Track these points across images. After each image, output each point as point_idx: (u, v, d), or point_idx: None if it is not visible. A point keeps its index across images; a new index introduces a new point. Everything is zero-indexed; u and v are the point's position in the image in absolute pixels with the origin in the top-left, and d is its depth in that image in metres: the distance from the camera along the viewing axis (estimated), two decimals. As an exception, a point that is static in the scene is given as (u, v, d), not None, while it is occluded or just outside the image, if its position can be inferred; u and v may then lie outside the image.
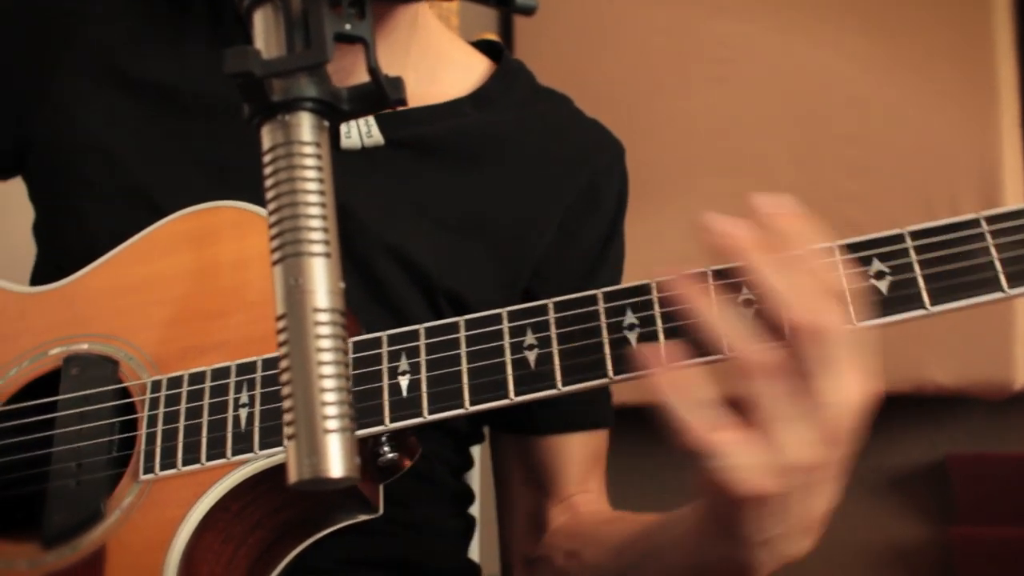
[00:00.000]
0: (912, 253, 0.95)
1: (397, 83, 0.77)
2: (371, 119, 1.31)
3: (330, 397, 0.69)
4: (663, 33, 2.84)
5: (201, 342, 1.14)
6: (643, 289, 1.01)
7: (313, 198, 0.73)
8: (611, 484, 1.43)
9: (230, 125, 1.32)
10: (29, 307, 1.22)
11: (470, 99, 1.39)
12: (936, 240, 0.95)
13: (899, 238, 0.96)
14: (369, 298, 1.28)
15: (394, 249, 1.29)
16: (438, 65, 1.39)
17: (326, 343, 0.70)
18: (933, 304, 0.93)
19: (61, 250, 1.33)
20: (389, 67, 1.29)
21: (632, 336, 1.00)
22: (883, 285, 0.95)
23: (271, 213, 0.73)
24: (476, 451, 1.57)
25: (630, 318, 1.00)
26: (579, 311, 1.02)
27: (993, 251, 0.93)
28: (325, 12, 0.73)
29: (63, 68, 1.34)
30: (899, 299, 0.94)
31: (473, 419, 1.43)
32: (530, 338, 1.03)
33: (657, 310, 1.00)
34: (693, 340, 0.94)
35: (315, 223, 0.73)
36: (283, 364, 0.71)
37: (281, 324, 0.71)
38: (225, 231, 1.19)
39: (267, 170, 0.74)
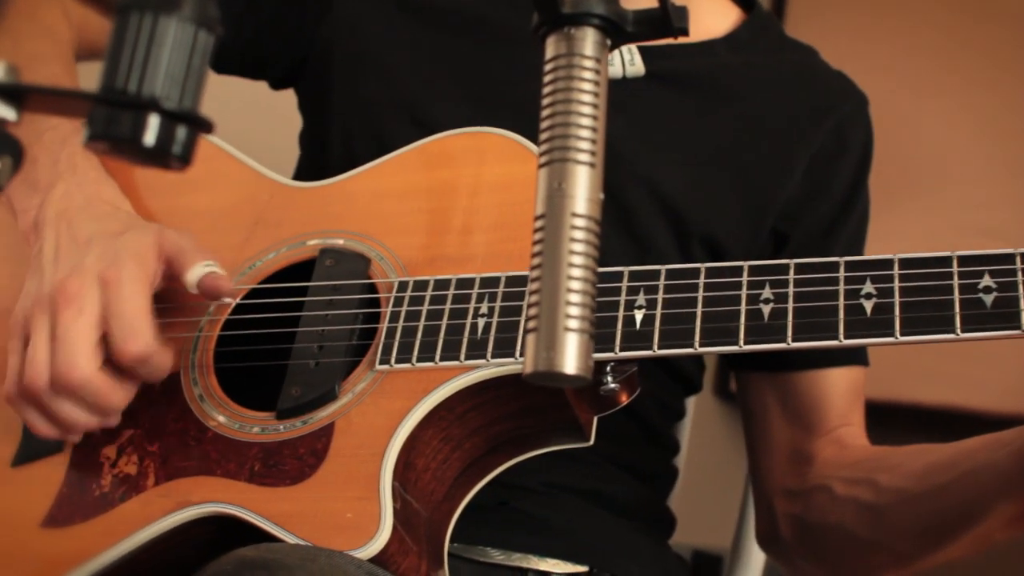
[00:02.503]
0: None
1: (683, 12, 0.79)
2: (634, 48, 1.37)
3: (575, 298, 0.72)
4: (936, 29, 2.76)
5: (450, 253, 1.19)
6: (886, 263, 1.03)
7: (586, 109, 0.76)
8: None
9: (499, 49, 1.38)
10: (294, 199, 1.30)
11: (723, 41, 1.45)
12: None
13: None
14: (617, 226, 1.33)
15: (647, 179, 1.35)
16: (695, 9, 1.43)
17: (579, 247, 0.73)
18: None
19: (322, 157, 1.41)
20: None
21: (868, 305, 1.01)
22: None
23: (544, 119, 0.76)
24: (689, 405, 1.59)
25: (868, 287, 1.01)
26: (819, 275, 1.04)
27: None
28: (619, -67, 0.76)
29: None
30: None
31: (698, 361, 1.45)
32: (767, 292, 1.04)
33: (897, 284, 1.01)
34: None
35: (584, 133, 0.75)
36: (535, 262, 0.74)
37: (539, 224, 0.74)
38: (489, 154, 1.24)
39: (546, 78, 0.76)
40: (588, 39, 0.77)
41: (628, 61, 1.36)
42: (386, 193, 1.26)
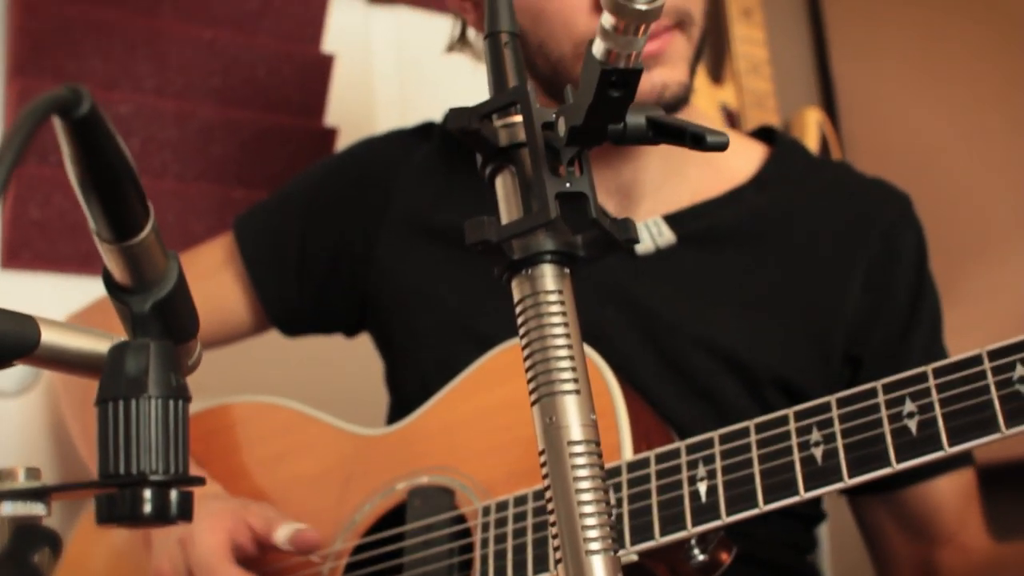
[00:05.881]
0: None
1: (625, 225, 0.83)
2: (659, 220, 1.40)
3: (590, 521, 0.76)
4: (994, 83, 2.74)
5: (524, 467, 1.23)
6: (920, 378, 1.04)
7: (560, 341, 0.81)
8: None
9: None
10: (377, 447, 1.37)
11: (751, 184, 1.45)
12: None
13: None
14: (686, 392, 1.35)
15: (703, 341, 1.36)
16: (717, 157, 1.46)
17: (582, 472, 0.78)
18: None
19: (403, 393, 1.49)
20: (669, 170, 1.42)
21: (912, 424, 1.02)
22: None
23: (526, 359, 0.82)
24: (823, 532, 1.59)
25: (909, 406, 1.03)
26: (860, 405, 1.06)
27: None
28: (546, 176, 0.81)
29: (383, 232, 1.50)
30: None
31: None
32: (815, 435, 1.06)
33: (935, 396, 1.02)
34: None
35: (564, 363, 0.80)
36: (548, 495, 0.78)
37: (543, 459, 0.79)
38: None
39: (519, 320, 0.82)
40: (547, 275, 0.83)
41: (656, 234, 1.39)
42: (457, 421, 1.32)
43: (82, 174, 0.60)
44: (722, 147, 0.77)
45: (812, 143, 2.68)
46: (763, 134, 1.55)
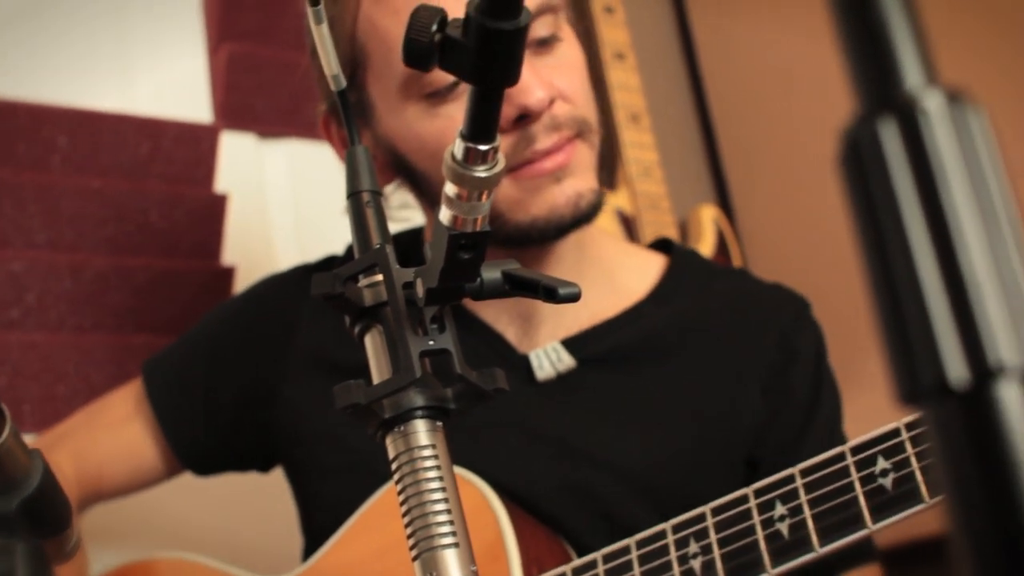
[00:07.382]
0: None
1: (490, 376, 0.85)
2: (558, 345, 1.39)
3: (476, 674, 0.77)
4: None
5: None
6: (788, 479, 1.07)
7: (437, 495, 0.82)
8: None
9: None
10: None
11: (650, 299, 1.45)
12: None
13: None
14: (594, 516, 1.34)
15: (608, 464, 1.35)
16: (614, 274, 1.46)
17: (466, 626, 0.79)
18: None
19: (311, 533, 1.48)
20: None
21: (783, 527, 1.04)
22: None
23: (404, 515, 0.83)
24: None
25: (780, 510, 1.05)
26: (734, 511, 1.08)
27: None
28: (409, 336, 0.83)
29: (288, 370, 1.51)
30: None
31: None
32: (693, 547, 1.08)
33: (804, 497, 1.04)
34: None
35: (442, 518, 0.82)
36: (433, 650, 0.80)
37: (427, 615, 0.80)
38: None
39: (395, 476, 0.83)
40: (420, 430, 0.84)
41: (555, 360, 1.38)
42: (353, 562, 1.32)
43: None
44: (574, 299, 0.79)
45: (709, 240, 2.73)
46: (661, 245, 1.55)
